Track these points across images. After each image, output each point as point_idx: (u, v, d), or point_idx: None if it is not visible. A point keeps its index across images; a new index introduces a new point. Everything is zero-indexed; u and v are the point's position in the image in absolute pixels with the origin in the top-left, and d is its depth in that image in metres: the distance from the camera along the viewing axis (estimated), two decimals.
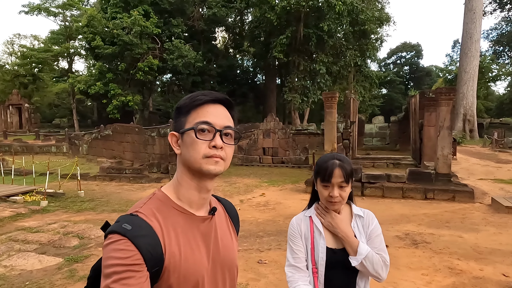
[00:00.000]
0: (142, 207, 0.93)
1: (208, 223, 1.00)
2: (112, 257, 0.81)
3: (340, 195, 1.47)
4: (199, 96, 0.96)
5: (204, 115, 0.94)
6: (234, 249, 1.08)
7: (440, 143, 8.25)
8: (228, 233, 1.09)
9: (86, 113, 38.98)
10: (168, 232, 0.90)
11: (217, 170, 0.93)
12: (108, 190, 10.25)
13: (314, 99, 22.05)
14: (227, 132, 0.96)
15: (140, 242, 0.83)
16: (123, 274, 0.79)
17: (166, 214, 0.93)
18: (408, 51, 53.61)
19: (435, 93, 8.46)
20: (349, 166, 1.50)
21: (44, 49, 30.42)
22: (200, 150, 0.91)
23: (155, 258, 0.85)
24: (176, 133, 0.98)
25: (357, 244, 1.46)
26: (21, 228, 6.39)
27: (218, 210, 1.09)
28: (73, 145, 16.93)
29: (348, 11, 20.09)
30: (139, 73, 20.47)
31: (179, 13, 23.44)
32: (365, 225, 1.54)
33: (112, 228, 0.86)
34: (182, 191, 0.97)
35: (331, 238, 1.52)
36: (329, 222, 1.52)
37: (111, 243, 0.83)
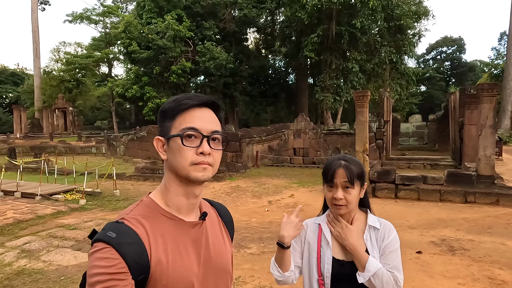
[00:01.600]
0: (128, 214, 0.91)
1: (199, 228, 0.98)
2: (96, 265, 0.80)
3: (345, 197, 1.37)
4: (184, 100, 0.93)
5: (190, 120, 0.91)
6: (227, 255, 1.05)
7: (482, 143, 7.71)
8: (220, 238, 1.06)
9: (124, 115, 40.76)
10: (155, 239, 0.88)
11: (205, 176, 0.92)
12: (142, 189, 10.61)
13: (347, 98, 21.51)
14: (215, 137, 0.94)
15: (124, 250, 0.82)
16: (107, 283, 0.78)
17: (153, 220, 0.91)
18: (449, 46, 50.86)
19: (477, 89, 7.93)
20: (357, 168, 1.40)
21: (86, 55, 32.18)
22: (187, 157, 0.89)
23: (140, 266, 0.83)
24: (161, 138, 0.95)
25: (366, 259, 1.34)
26: (61, 225, 6.76)
27: (210, 214, 1.06)
28: (111, 146, 17.74)
29: (383, 6, 19.39)
30: (173, 76, 21.05)
31: (211, 15, 23.84)
32: (379, 238, 1.40)
33: (97, 236, 0.85)
34: (170, 196, 0.95)
35: (339, 249, 1.42)
36: (338, 232, 1.42)
37: (96, 251, 0.82)
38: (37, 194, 8.96)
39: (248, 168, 13.72)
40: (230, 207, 8.14)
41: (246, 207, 8.06)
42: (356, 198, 1.40)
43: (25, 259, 5.01)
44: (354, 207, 1.42)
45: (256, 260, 4.74)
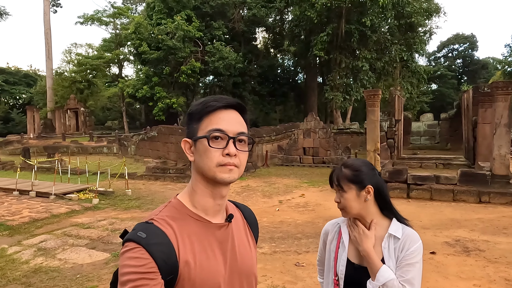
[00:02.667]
0: (157, 214, 0.94)
1: (225, 230, 0.99)
2: (127, 265, 0.82)
3: (340, 200, 1.39)
4: (211, 102, 0.94)
5: (216, 122, 0.92)
6: (252, 257, 1.06)
7: (497, 142, 7.58)
8: (246, 240, 1.07)
9: (135, 115, 41.17)
10: (183, 240, 0.90)
11: (231, 178, 0.92)
12: (153, 189, 10.71)
13: (357, 97, 21.34)
14: (241, 138, 0.94)
15: (154, 250, 0.83)
16: (138, 282, 0.80)
17: (181, 221, 0.93)
18: (461, 43, 50.00)
19: (491, 87, 7.79)
20: (351, 171, 1.39)
21: (97, 56, 32.57)
22: (213, 159, 0.90)
23: (169, 266, 0.85)
24: (189, 140, 0.97)
25: (378, 267, 1.31)
26: (75, 224, 6.87)
27: (236, 216, 1.07)
28: (122, 146, 17.95)
29: (393, 4, 19.17)
30: (182, 76, 21.19)
31: (220, 15, 23.91)
32: (398, 248, 1.34)
33: (128, 236, 0.87)
34: (197, 198, 0.96)
35: (355, 253, 1.42)
36: (354, 236, 1.41)
37: (127, 251, 0.84)
38: (51, 193, 9.12)
39: (257, 167, 13.73)
40: None
41: (256, 206, 8.07)
42: (350, 202, 1.37)
43: (41, 257, 5.11)
44: (360, 211, 1.39)
45: (268, 260, 4.76)
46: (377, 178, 1.42)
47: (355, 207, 1.38)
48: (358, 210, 1.39)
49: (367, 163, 1.46)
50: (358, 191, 1.38)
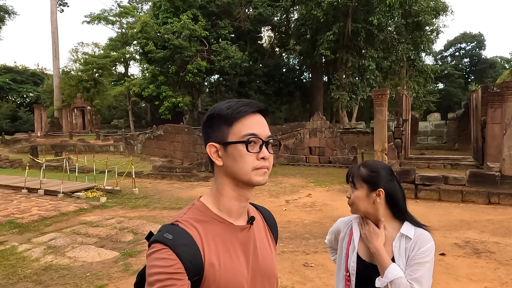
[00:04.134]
0: (182, 216, 0.95)
1: (247, 232, 1.00)
2: (155, 265, 0.84)
3: (350, 196, 1.45)
4: (241, 107, 0.95)
5: (250, 126, 0.93)
6: (273, 259, 1.07)
7: (507, 143, 7.50)
8: (266, 242, 1.08)
9: (140, 114, 41.35)
10: (208, 242, 0.91)
11: (265, 180, 0.95)
12: (160, 188, 10.75)
13: (363, 96, 21.23)
14: (271, 141, 0.97)
15: (181, 251, 0.85)
16: (166, 282, 0.82)
17: (205, 224, 0.94)
18: (469, 42, 49.47)
19: (501, 87, 7.70)
20: (367, 171, 1.43)
21: (103, 55, 32.76)
22: (250, 163, 0.92)
23: (195, 267, 0.87)
24: (215, 144, 0.96)
25: (387, 265, 1.33)
26: (83, 222, 6.92)
27: (257, 218, 1.08)
28: (129, 145, 18.05)
29: (400, 2, 19.05)
30: (188, 75, 21.23)
31: (226, 14, 23.91)
32: (410, 247, 1.37)
33: (155, 237, 0.88)
34: (223, 201, 0.98)
35: (365, 250, 1.45)
36: (364, 234, 1.44)
37: (154, 252, 0.86)
38: (60, 191, 9.19)
39: None
40: None
41: (264, 206, 8.06)
42: (358, 200, 1.42)
43: (51, 255, 5.15)
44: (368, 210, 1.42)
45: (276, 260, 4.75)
46: (393, 183, 1.44)
47: (362, 206, 1.42)
48: (365, 209, 1.43)
49: (387, 167, 1.47)
50: (369, 191, 1.41)
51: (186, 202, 8.82)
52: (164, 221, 6.86)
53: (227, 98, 24.63)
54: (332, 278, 4.11)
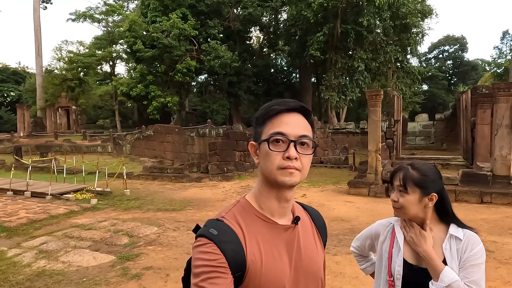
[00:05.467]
0: (227, 213, 0.97)
1: (291, 232, 1.00)
2: (200, 258, 0.87)
3: (399, 200, 1.38)
4: (273, 106, 0.96)
5: (278, 125, 0.93)
6: (319, 260, 1.06)
7: (498, 143, 7.65)
8: (313, 243, 1.06)
9: (127, 114, 40.67)
10: (250, 239, 0.93)
11: (292, 181, 0.92)
12: (152, 189, 10.56)
13: (352, 97, 21.43)
14: (303, 141, 0.94)
15: (225, 247, 0.88)
16: (211, 274, 0.85)
17: (248, 221, 0.96)
18: (452, 45, 50.72)
19: (493, 88, 7.86)
20: (419, 175, 1.36)
21: (89, 54, 32.08)
22: (274, 162, 0.92)
23: (238, 264, 0.89)
24: (254, 143, 0.99)
25: (441, 268, 1.28)
26: (75, 225, 6.70)
27: (303, 219, 1.07)
28: (117, 145, 17.68)
29: (389, 4, 19.31)
30: (178, 75, 20.99)
31: (215, 14, 23.74)
32: (461, 249, 1.33)
33: (201, 231, 0.92)
34: (263, 200, 0.98)
35: (411, 253, 1.39)
36: (411, 237, 1.38)
37: (200, 245, 0.89)
38: (48, 193, 8.90)
39: (256, 167, 13.64)
40: None
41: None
42: (410, 204, 1.36)
43: (43, 260, 4.95)
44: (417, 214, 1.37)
45: None
46: (442, 186, 1.40)
47: (413, 210, 1.37)
48: (415, 213, 1.38)
49: (435, 169, 1.42)
50: (422, 196, 1.35)
51: (179, 203, 8.68)
52: (159, 223, 6.72)
53: (216, 98, 24.70)
54: (338, 281, 4.07)
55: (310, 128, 0.98)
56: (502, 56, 41.13)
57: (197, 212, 7.71)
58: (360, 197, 8.63)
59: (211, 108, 23.55)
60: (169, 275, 4.43)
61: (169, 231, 6.25)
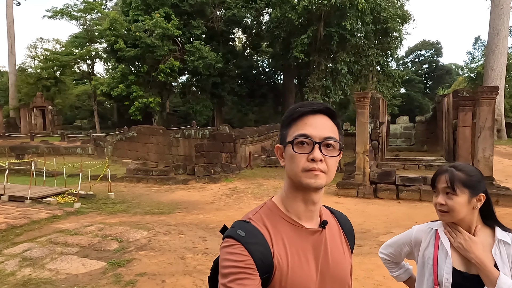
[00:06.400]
0: (254, 215, 0.98)
1: (318, 236, 0.99)
2: (228, 259, 0.87)
3: (447, 203, 1.33)
4: (298, 108, 0.96)
5: (302, 127, 0.93)
6: (346, 266, 1.04)
7: (481, 145, 7.91)
8: (340, 248, 1.05)
9: (105, 114, 39.61)
10: (277, 241, 0.93)
11: (317, 183, 0.91)
12: (137, 191, 10.29)
13: (336, 99, 21.68)
14: (328, 143, 0.93)
15: (252, 248, 0.88)
16: (239, 275, 0.85)
17: (275, 224, 0.95)
18: (427, 49, 52.43)
19: (477, 92, 8.12)
20: (465, 175, 1.32)
21: (66, 53, 31.02)
22: (299, 164, 0.92)
23: (265, 265, 0.88)
24: (280, 146, 0.99)
25: (497, 275, 1.25)
26: (59, 230, 6.41)
27: (331, 223, 1.06)
28: (98, 147, 17.14)
29: (371, 9, 19.68)
30: (161, 75, 20.60)
31: (199, 14, 23.49)
32: (511, 254, 1.32)
33: (228, 232, 0.92)
34: (289, 202, 0.98)
35: (460, 260, 1.35)
36: (460, 243, 1.34)
37: (227, 246, 0.89)
38: (27, 197, 8.49)
39: (242, 169, 13.57)
40: (234, 209, 8.00)
41: (250, 209, 7.89)
42: (460, 206, 1.32)
43: (28, 268, 4.70)
44: (465, 217, 1.34)
45: None
46: (485, 186, 1.37)
47: (462, 212, 1.33)
48: (464, 215, 1.34)
49: (477, 170, 1.40)
50: (471, 197, 1.32)
51: (167, 206, 8.48)
52: (148, 227, 6.54)
53: (199, 99, 24.43)
54: None
55: (336, 130, 0.96)
56: (475, 61, 42.94)
57: (187, 215, 7.55)
58: (349, 198, 8.71)
59: (194, 109, 23.25)
60: (165, 281, 4.29)
61: (160, 235, 6.09)
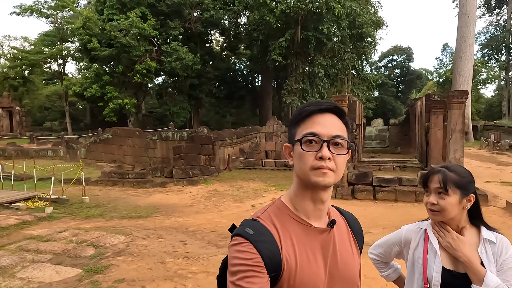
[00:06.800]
0: (262, 213, 0.98)
1: (327, 235, 0.99)
2: (236, 257, 0.88)
3: (439, 203, 1.36)
4: (306, 107, 0.97)
5: (310, 126, 0.94)
6: (354, 266, 1.04)
7: (453, 146, 8.24)
8: (349, 248, 1.05)
9: (77, 116, 38.29)
10: (285, 240, 0.93)
11: (325, 181, 0.91)
12: (113, 195, 9.98)
13: None
14: (337, 141, 0.93)
15: (261, 247, 0.88)
16: (247, 273, 0.85)
17: (283, 222, 0.96)
18: (399, 55, 54.35)
19: (447, 96, 8.46)
20: (457, 176, 1.36)
21: (35, 51, 29.79)
22: (307, 162, 0.92)
23: (274, 264, 0.89)
24: (289, 145, 1.00)
25: (483, 273, 1.29)
26: (30, 236, 6.11)
27: (339, 223, 1.06)
28: (71, 149, 16.52)
29: (347, 14, 20.17)
30: (137, 76, 20.15)
31: (176, 15, 23.20)
32: (496, 252, 1.35)
33: (237, 231, 0.93)
34: (297, 201, 0.98)
35: (448, 259, 1.39)
36: (448, 243, 1.37)
37: (236, 244, 0.90)
38: None
39: (220, 171, 13.48)
40: (214, 212, 7.92)
41: (230, 211, 7.88)
42: (451, 207, 1.35)
43: None
44: (455, 217, 1.38)
45: None
46: (475, 187, 1.42)
47: (453, 212, 1.36)
48: (454, 215, 1.38)
49: (468, 171, 1.44)
50: (461, 197, 1.36)
51: (145, 210, 8.28)
52: (126, 231, 6.35)
53: (177, 101, 24.09)
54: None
55: (344, 129, 0.97)
56: (443, 66, 44.98)
57: (166, 219, 7.40)
58: None
59: (171, 111, 22.90)
60: (145, 287, 4.17)
61: (138, 239, 5.92)
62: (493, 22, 40.37)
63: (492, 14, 39.42)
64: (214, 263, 4.79)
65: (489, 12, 39.25)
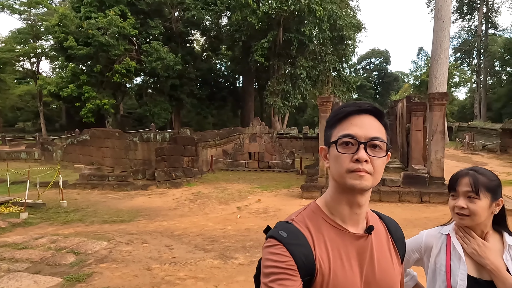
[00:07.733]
0: (297, 216, 0.96)
1: (364, 241, 0.95)
2: (269, 259, 0.87)
3: (468, 207, 1.30)
4: (343, 107, 0.94)
5: (347, 127, 0.91)
6: (394, 274, 0.99)
7: (434, 147, 8.44)
8: (388, 255, 1.00)
9: (52, 116, 36.94)
10: (319, 244, 0.91)
11: (362, 185, 0.88)
12: (92, 199, 9.64)
13: (295, 103, 22.14)
14: (374, 143, 0.90)
15: (294, 250, 0.87)
16: (280, 275, 0.84)
17: (318, 226, 0.93)
18: (377, 57, 55.76)
19: (428, 98, 8.66)
20: (487, 179, 1.31)
21: (6, 49, 28.51)
22: (343, 164, 0.89)
23: (307, 267, 0.87)
24: (324, 147, 0.97)
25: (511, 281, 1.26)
26: (4, 244, 5.77)
27: (378, 229, 1.01)
28: (46, 151, 15.86)
29: (328, 16, 20.40)
30: (116, 75, 19.62)
31: (156, 14, 22.79)
32: None
33: (271, 233, 0.91)
34: (333, 204, 0.95)
35: (473, 266, 1.34)
36: (474, 249, 1.32)
37: (269, 246, 0.88)
38: None
39: (204, 173, 13.29)
40: (200, 214, 7.77)
41: (216, 214, 7.75)
42: (482, 211, 1.31)
43: None
44: (483, 221, 1.33)
45: (248, 271, 4.53)
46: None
47: (483, 216, 1.31)
48: (483, 219, 1.32)
49: (495, 174, 1.40)
50: (491, 201, 1.31)
51: (127, 213, 8.03)
52: (108, 236, 6.11)
53: (157, 101, 23.64)
54: None
55: (383, 130, 0.93)
56: (419, 69, 46.40)
57: (150, 223, 7.19)
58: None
59: (152, 112, 22.45)
60: None
61: (122, 245, 5.71)
62: (465, 27, 41.99)
63: (464, 20, 41.00)
64: (203, 268, 4.67)
65: (462, 18, 40.79)
